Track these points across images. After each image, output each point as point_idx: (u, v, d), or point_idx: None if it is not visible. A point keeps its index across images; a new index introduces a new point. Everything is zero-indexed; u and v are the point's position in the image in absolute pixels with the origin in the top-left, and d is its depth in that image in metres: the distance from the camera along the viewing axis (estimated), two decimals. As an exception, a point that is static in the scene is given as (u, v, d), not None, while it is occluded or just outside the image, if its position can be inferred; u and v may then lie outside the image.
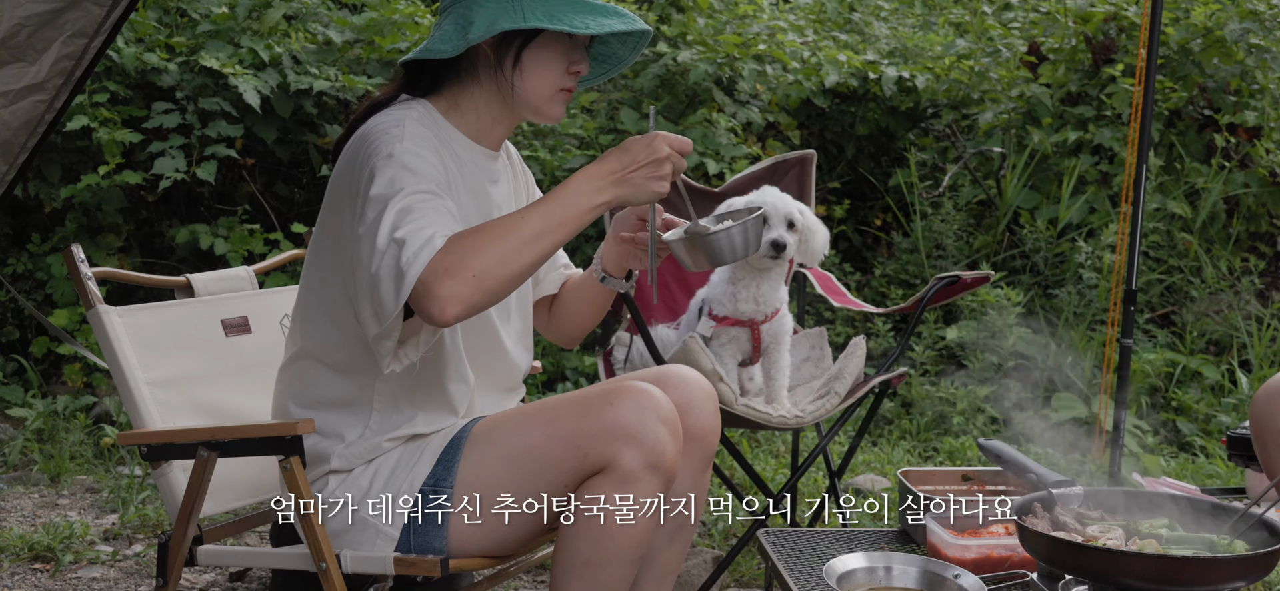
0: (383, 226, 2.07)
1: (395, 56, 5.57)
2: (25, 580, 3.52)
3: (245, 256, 5.21)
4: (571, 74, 2.31)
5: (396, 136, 2.18)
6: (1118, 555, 1.92)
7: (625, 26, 2.26)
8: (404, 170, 2.13)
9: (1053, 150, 5.88)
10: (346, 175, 2.22)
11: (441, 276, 2.03)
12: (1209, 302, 5.60)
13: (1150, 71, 3.88)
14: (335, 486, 2.29)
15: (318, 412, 2.31)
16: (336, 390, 2.30)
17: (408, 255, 2.03)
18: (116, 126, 5.11)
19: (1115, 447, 3.91)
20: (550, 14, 2.21)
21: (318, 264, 2.31)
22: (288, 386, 2.38)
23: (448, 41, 2.25)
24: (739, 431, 4.68)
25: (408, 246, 2.04)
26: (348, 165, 2.23)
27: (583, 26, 2.21)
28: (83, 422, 4.72)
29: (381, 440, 2.28)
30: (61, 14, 2.35)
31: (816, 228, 3.22)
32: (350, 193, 2.19)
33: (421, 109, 2.29)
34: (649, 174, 2.16)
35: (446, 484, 2.24)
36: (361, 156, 2.19)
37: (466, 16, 2.24)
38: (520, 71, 2.28)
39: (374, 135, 2.20)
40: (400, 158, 2.14)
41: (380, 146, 2.17)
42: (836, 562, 2.14)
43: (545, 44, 2.27)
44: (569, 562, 2.21)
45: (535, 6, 2.21)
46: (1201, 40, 5.91)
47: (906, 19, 7.24)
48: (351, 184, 2.19)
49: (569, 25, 2.21)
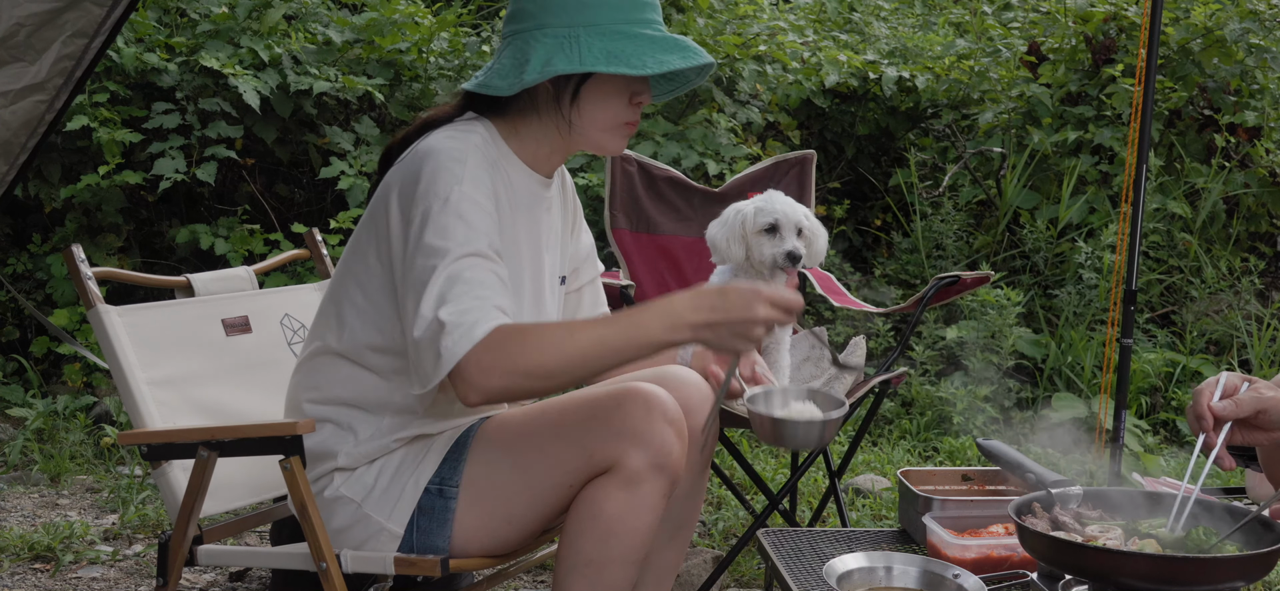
0: (429, 292, 2.04)
1: (396, 56, 5.58)
2: (25, 580, 3.52)
3: (245, 256, 5.21)
4: (634, 106, 2.25)
5: (457, 176, 2.12)
6: (1118, 555, 1.92)
7: (686, 62, 2.17)
8: (459, 221, 2.08)
9: (1053, 150, 5.88)
10: (403, 190, 2.16)
11: (478, 369, 2.01)
12: (1209, 302, 5.60)
13: (1150, 71, 3.88)
14: (340, 483, 2.28)
15: (334, 409, 2.29)
16: (359, 390, 2.27)
17: (449, 341, 2.01)
18: (116, 126, 5.11)
19: (1115, 447, 3.91)
20: (608, 54, 2.14)
21: (359, 265, 2.26)
22: (305, 380, 2.34)
23: (504, 78, 2.19)
24: (739, 431, 4.68)
25: (450, 332, 2.01)
26: (406, 179, 2.16)
27: (640, 66, 2.14)
28: (83, 422, 4.72)
29: (391, 440, 2.27)
30: (61, 14, 2.35)
31: (819, 231, 3.22)
32: (404, 211, 2.15)
33: (484, 133, 2.24)
34: (738, 331, 2.02)
35: (453, 482, 2.24)
36: (422, 183, 2.12)
37: (523, 52, 2.18)
38: (578, 108, 2.22)
39: (436, 162, 2.14)
40: (457, 206, 2.09)
41: (439, 183, 2.11)
42: (836, 562, 2.14)
43: (605, 78, 2.21)
44: (573, 562, 2.21)
45: (593, 45, 2.15)
46: (1201, 40, 5.91)
47: (906, 19, 7.24)
48: (406, 204, 2.14)
49: (627, 66, 2.14)
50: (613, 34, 2.16)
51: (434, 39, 5.67)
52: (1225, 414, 1.99)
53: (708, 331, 2.03)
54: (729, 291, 2.02)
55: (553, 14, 2.17)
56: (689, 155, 5.42)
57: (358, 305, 2.26)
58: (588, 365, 2.05)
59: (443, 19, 5.77)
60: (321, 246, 2.98)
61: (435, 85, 5.64)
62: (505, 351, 2.01)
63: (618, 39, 2.16)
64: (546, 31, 2.17)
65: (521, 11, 2.22)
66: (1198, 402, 2.01)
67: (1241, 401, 1.99)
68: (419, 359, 2.08)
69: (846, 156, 6.34)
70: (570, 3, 2.17)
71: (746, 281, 3.19)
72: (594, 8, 2.16)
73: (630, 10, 2.18)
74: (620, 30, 2.16)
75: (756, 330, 2.02)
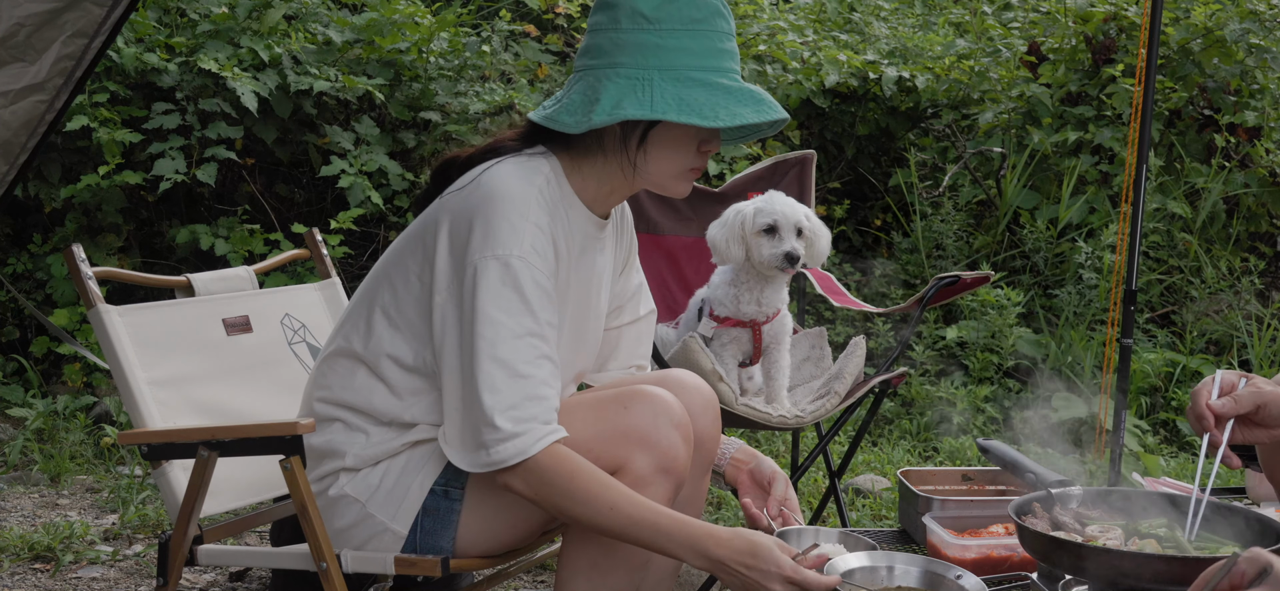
0: (482, 371, 2.05)
1: (396, 56, 5.58)
2: (25, 580, 3.52)
3: (245, 256, 5.21)
4: (702, 154, 2.20)
5: (518, 232, 2.08)
6: (1118, 555, 1.92)
7: (759, 117, 2.11)
8: (515, 293, 2.07)
9: (1053, 150, 5.88)
10: (458, 227, 2.12)
11: (520, 481, 2.08)
12: (1209, 302, 5.60)
13: (1150, 71, 3.88)
14: (346, 482, 2.27)
15: (344, 411, 2.27)
16: (371, 400, 2.25)
17: (502, 449, 2.06)
18: (116, 126, 5.11)
19: (1115, 447, 3.91)
20: (680, 101, 2.08)
21: (399, 277, 2.22)
22: (321, 378, 2.31)
23: (573, 114, 2.14)
24: (739, 431, 4.68)
25: (506, 440, 2.05)
26: (463, 215, 2.13)
27: (712, 118, 2.09)
28: (83, 422, 4.71)
29: (398, 444, 2.26)
30: (61, 14, 2.35)
31: (820, 231, 3.22)
32: (456, 252, 2.12)
33: (550, 172, 2.19)
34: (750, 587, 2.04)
35: (458, 484, 2.23)
36: (478, 231, 2.09)
37: (594, 91, 2.13)
38: (645, 152, 2.18)
39: (498, 211, 2.10)
40: (517, 274, 2.07)
41: (499, 239, 2.08)
42: (836, 562, 2.14)
43: (675, 125, 2.15)
44: (576, 565, 2.21)
45: (665, 90, 2.09)
46: (1201, 40, 5.91)
47: (906, 19, 7.24)
48: (459, 246, 2.11)
49: (699, 117, 2.08)
50: (687, 81, 2.11)
51: (434, 39, 5.67)
52: (1225, 411, 1.98)
53: (724, 572, 2.06)
54: (760, 555, 2.02)
55: (628, 54, 2.12)
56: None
57: (390, 316, 2.23)
58: (609, 532, 2.11)
59: (443, 19, 5.77)
60: (321, 246, 2.98)
61: (435, 85, 5.64)
62: (546, 481, 2.07)
63: (692, 86, 2.11)
64: (620, 72, 2.12)
65: (596, 47, 2.16)
66: (1196, 402, 2.01)
67: (1240, 398, 1.98)
68: (462, 436, 2.10)
69: (846, 156, 6.34)
70: (647, 45, 2.11)
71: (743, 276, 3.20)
72: (671, 52, 2.11)
73: (707, 57, 2.13)
74: (695, 78, 2.11)
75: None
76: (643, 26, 2.11)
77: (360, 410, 2.26)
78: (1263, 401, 1.97)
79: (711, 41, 2.13)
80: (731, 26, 2.17)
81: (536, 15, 6.58)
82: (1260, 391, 1.98)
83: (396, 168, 5.36)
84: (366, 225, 5.56)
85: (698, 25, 2.12)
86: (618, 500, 2.07)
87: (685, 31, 2.11)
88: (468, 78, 5.78)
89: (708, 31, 2.13)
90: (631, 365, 2.54)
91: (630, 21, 2.12)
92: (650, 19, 2.11)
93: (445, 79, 5.68)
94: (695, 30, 2.12)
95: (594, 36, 2.18)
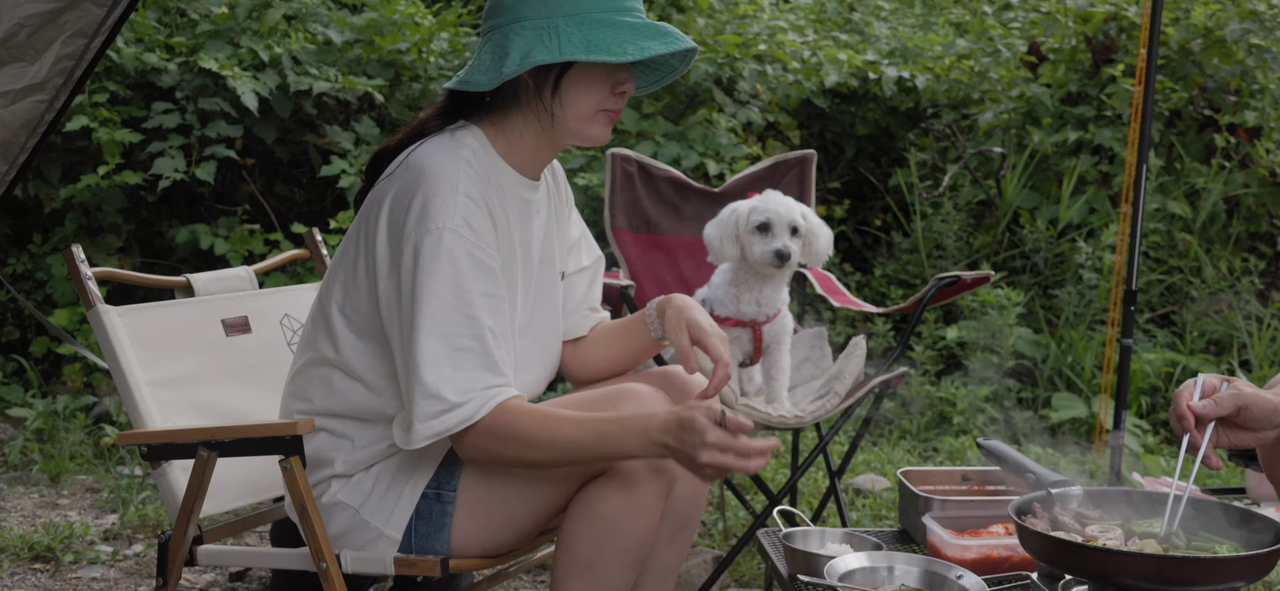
0: (425, 347, 2.08)
1: (396, 56, 5.58)
2: (25, 580, 3.52)
3: (245, 256, 5.21)
4: (617, 95, 2.23)
5: (449, 205, 2.11)
6: (1118, 555, 1.92)
7: (667, 47, 2.16)
8: (452, 264, 2.09)
9: (1053, 150, 5.88)
10: (394, 211, 2.15)
11: (471, 447, 2.12)
12: (1209, 302, 5.60)
13: (1150, 71, 3.88)
14: (337, 489, 2.28)
15: (331, 420, 2.28)
16: (351, 402, 2.26)
17: (447, 419, 2.08)
18: (116, 126, 5.11)
19: (1115, 447, 3.91)
20: (587, 42, 2.13)
21: (347, 274, 2.24)
22: (297, 391, 2.33)
23: (484, 73, 2.17)
24: (739, 431, 4.67)
25: (450, 411, 2.08)
26: (397, 198, 2.15)
27: (621, 53, 2.12)
28: (83, 422, 4.71)
29: (386, 447, 2.26)
30: (61, 14, 2.35)
31: (820, 230, 3.22)
32: (393, 236, 2.14)
33: (475, 144, 2.22)
34: (690, 461, 2.07)
35: (450, 486, 2.23)
36: (413, 211, 2.11)
37: (503, 46, 2.16)
38: (560, 99, 2.20)
39: (428, 187, 2.12)
40: (451, 247, 2.09)
41: (432, 215, 2.10)
42: (837, 562, 2.14)
43: (586, 67, 2.18)
44: (571, 563, 2.21)
45: (571, 34, 2.13)
46: (1201, 40, 5.91)
47: (906, 19, 7.24)
48: (396, 230, 2.13)
49: (608, 54, 2.12)
50: (592, 23, 2.14)
51: (434, 39, 5.67)
52: (1206, 413, 1.98)
53: (668, 452, 2.08)
54: (686, 423, 2.04)
55: (530, 7, 2.15)
56: (689, 155, 5.42)
57: (347, 314, 2.25)
58: (566, 462, 2.15)
59: (443, 19, 5.77)
60: (321, 246, 2.98)
61: (435, 85, 5.64)
62: (496, 439, 2.10)
63: (597, 27, 2.14)
64: (525, 24, 2.15)
65: (499, 6, 2.20)
66: (1178, 404, 2.01)
67: (1221, 400, 1.98)
68: (411, 414, 2.11)
69: (846, 156, 6.34)
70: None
71: (743, 276, 3.20)
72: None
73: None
74: (599, 18, 2.14)
75: (703, 471, 2.06)
76: None
77: (342, 414, 2.27)
78: (1244, 404, 1.97)
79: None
80: None
81: (536, 15, 6.56)
82: (1241, 394, 1.98)
83: (396, 168, 5.36)
84: (366, 225, 5.55)
85: None
86: (563, 431, 2.10)
87: None
88: (467, 78, 5.77)
89: None
90: (586, 307, 2.55)
91: None
92: None
93: (445, 79, 5.67)
94: None
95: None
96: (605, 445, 2.11)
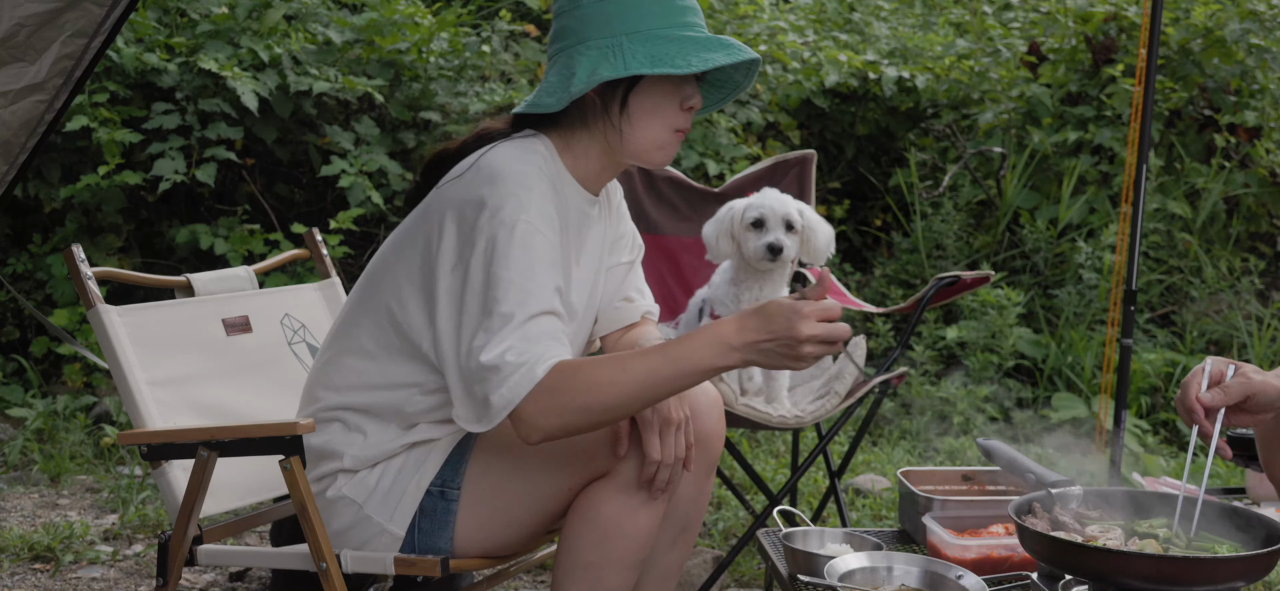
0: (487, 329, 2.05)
1: (396, 56, 5.58)
2: (25, 580, 3.52)
3: (245, 256, 5.21)
4: (685, 110, 2.23)
5: (523, 202, 2.11)
6: (1118, 555, 1.92)
7: (730, 58, 2.17)
8: (527, 258, 2.08)
9: (1053, 150, 5.88)
10: (465, 210, 2.14)
11: (537, 411, 2.03)
12: (1209, 302, 5.60)
13: (1150, 71, 3.88)
14: (343, 484, 2.27)
15: (349, 414, 2.27)
16: (376, 398, 2.25)
17: (508, 386, 2.02)
18: (116, 127, 5.11)
19: (1115, 447, 3.91)
20: (652, 57, 2.15)
21: (402, 277, 2.23)
22: (326, 376, 2.31)
23: (552, 94, 2.20)
24: (739, 431, 4.68)
25: (508, 375, 2.02)
26: (467, 199, 2.15)
27: (686, 65, 2.14)
28: (83, 422, 4.71)
29: (396, 445, 2.26)
30: (61, 14, 2.35)
31: (819, 226, 3.22)
32: (464, 232, 2.13)
33: (545, 152, 2.23)
34: (783, 352, 2.01)
35: (454, 484, 2.23)
36: (488, 207, 2.11)
37: (569, 67, 2.19)
38: (628, 116, 2.21)
39: (503, 187, 2.12)
40: (524, 237, 2.09)
41: (508, 210, 2.10)
42: (837, 562, 2.14)
43: (653, 84, 2.19)
44: (571, 565, 2.21)
45: (636, 50, 2.15)
46: (1201, 40, 5.91)
47: (906, 19, 7.24)
48: (467, 226, 2.12)
49: (672, 66, 2.14)
50: (656, 39, 2.16)
51: (434, 39, 5.67)
52: (1215, 403, 1.99)
53: (755, 352, 2.02)
54: (771, 310, 2.00)
55: (594, 27, 2.17)
56: (689, 155, 5.42)
57: (395, 311, 2.23)
58: (641, 398, 2.06)
59: (443, 19, 5.77)
60: (321, 246, 2.98)
61: (435, 85, 5.64)
62: (561, 392, 2.03)
63: (661, 43, 2.16)
64: (590, 44, 2.17)
65: (564, 30, 2.22)
66: (1186, 395, 2.01)
67: (1229, 388, 1.98)
68: (469, 396, 2.08)
69: (846, 156, 6.34)
70: (611, 14, 2.16)
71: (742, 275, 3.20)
72: (635, 16, 2.16)
73: (672, 15, 2.18)
74: (663, 34, 2.16)
75: (802, 349, 1.99)
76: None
77: (363, 409, 2.26)
78: (1252, 391, 1.98)
79: (672, 0, 2.19)
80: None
81: (536, 15, 6.58)
82: (1249, 381, 1.98)
83: (396, 168, 5.37)
84: (366, 225, 5.56)
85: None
86: (627, 365, 2.04)
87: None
88: (468, 78, 5.78)
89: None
90: (619, 297, 2.52)
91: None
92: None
93: (445, 79, 5.68)
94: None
95: (560, 20, 2.23)
96: (679, 364, 2.03)
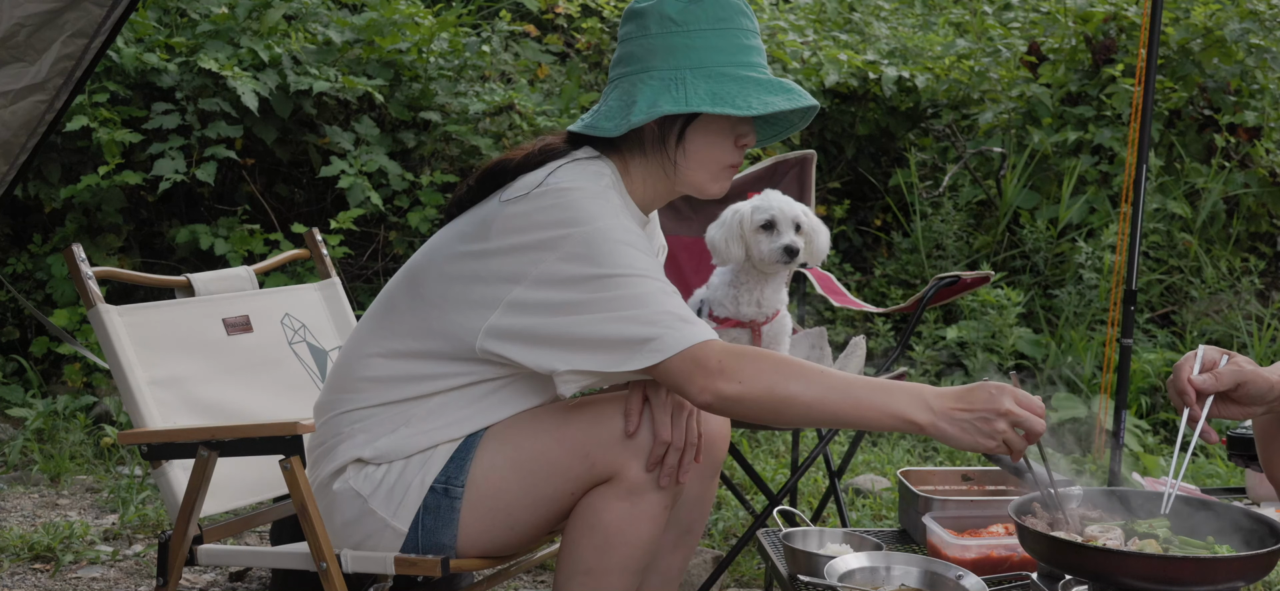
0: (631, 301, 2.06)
1: (396, 56, 5.58)
2: (25, 580, 3.52)
3: (245, 256, 5.21)
4: (739, 148, 2.27)
5: (608, 210, 2.13)
6: (1118, 555, 1.92)
7: (790, 104, 2.20)
8: (623, 234, 2.11)
9: (1053, 150, 5.88)
10: (523, 224, 2.14)
11: (719, 367, 2.03)
12: (1209, 302, 5.60)
13: (1150, 71, 3.88)
14: (351, 475, 2.26)
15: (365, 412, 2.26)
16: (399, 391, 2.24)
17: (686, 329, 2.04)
18: (116, 126, 5.11)
19: (1115, 447, 3.91)
20: (713, 95, 2.17)
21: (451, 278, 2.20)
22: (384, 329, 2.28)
23: (611, 119, 2.22)
24: (739, 431, 4.68)
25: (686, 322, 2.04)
26: (528, 217, 2.14)
27: (746, 107, 2.16)
28: (83, 422, 4.72)
29: (416, 445, 2.24)
30: (61, 14, 2.35)
31: (818, 228, 3.22)
32: (529, 243, 2.12)
33: (610, 174, 2.24)
34: (979, 424, 2.00)
35: (458, 482, 2.23)
36: (561, 221, 2.11)
37: (630, 95, 2.21)
38: (684, 149, 2.24)
39: (578, 198, 2.13)
40: (607, 230, 2.10)
41: (588, 215, 2.11)
42: (837, 562, 2.14)
43: (710, 120, 2.22)
44: (572, 569, 2.20)
45: (698, 86, 2.17)
46: (1201, 40, 5.91)
47: (906, 19, 7.24)
48: (546, 239, 2.12)
49: (732, 107, 2.16)
50: (718, 76, 2.18)
51: (434, 39, 5.67)
52: (1206, 387, 2.00)
53: (948, 421, 2.01)
54: (977, 388, 2.01)
55: (659, 58, 2.19)
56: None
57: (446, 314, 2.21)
58: (829, 406, 2.06)
59: (443, 19, 5.77)
60: (321, 246, 2.98)
61: (435, 85, 5.64)
62: (750, 358, 2.05)
63: (723, 81, 2.18)
64: (653, 75, 2.19)
65: (629, 56, 2.24)
66: (1178, 378, 2.02)
67: (1221, 375, 1.99)
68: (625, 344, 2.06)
69: (846, 156, 6.34)
70: (677, 46, 2.18)
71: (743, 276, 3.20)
72: (700, 51, 2.18)
73: (735, 53, 2.20)
74: (726, 73, 2.19)
75: (998, 424, 1.99)
76: (671, 29, 2.19)
77: (392, 404, 2.25)
78: (1243, 380, 1.98)
79: (738, 39, 2.21)
80: (755, 25, 2.25)
81: (536, 15, 6.58)
82: (1242, 370, 1.99)
83: (396, 168, 5.37)
84: (366, 225, 5.56)
85: (723, 23, 2.20)
86: (828, 374, 2.06)
87: (712, 30, 2.20)
88: (468, 78, 5.78)
89: (733, 29, 2.21)
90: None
91: (659, 27, 2.20)
92: (677, 22, 2.19)
93: (445, 79, 5.68)
94: (722, 29, 2.20)
95: (625, 45, 2.25)
96: (876, 395, 2.04)
